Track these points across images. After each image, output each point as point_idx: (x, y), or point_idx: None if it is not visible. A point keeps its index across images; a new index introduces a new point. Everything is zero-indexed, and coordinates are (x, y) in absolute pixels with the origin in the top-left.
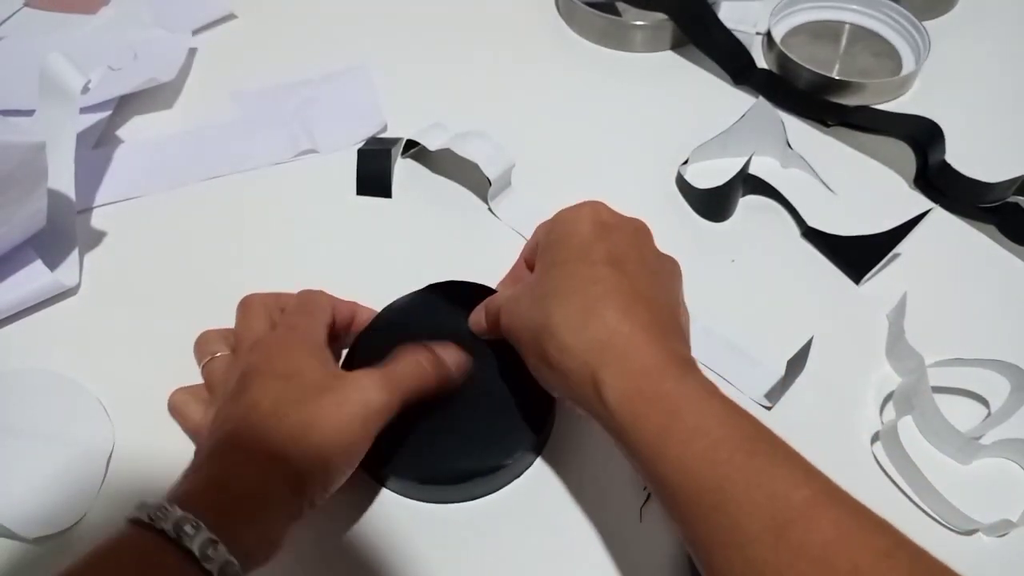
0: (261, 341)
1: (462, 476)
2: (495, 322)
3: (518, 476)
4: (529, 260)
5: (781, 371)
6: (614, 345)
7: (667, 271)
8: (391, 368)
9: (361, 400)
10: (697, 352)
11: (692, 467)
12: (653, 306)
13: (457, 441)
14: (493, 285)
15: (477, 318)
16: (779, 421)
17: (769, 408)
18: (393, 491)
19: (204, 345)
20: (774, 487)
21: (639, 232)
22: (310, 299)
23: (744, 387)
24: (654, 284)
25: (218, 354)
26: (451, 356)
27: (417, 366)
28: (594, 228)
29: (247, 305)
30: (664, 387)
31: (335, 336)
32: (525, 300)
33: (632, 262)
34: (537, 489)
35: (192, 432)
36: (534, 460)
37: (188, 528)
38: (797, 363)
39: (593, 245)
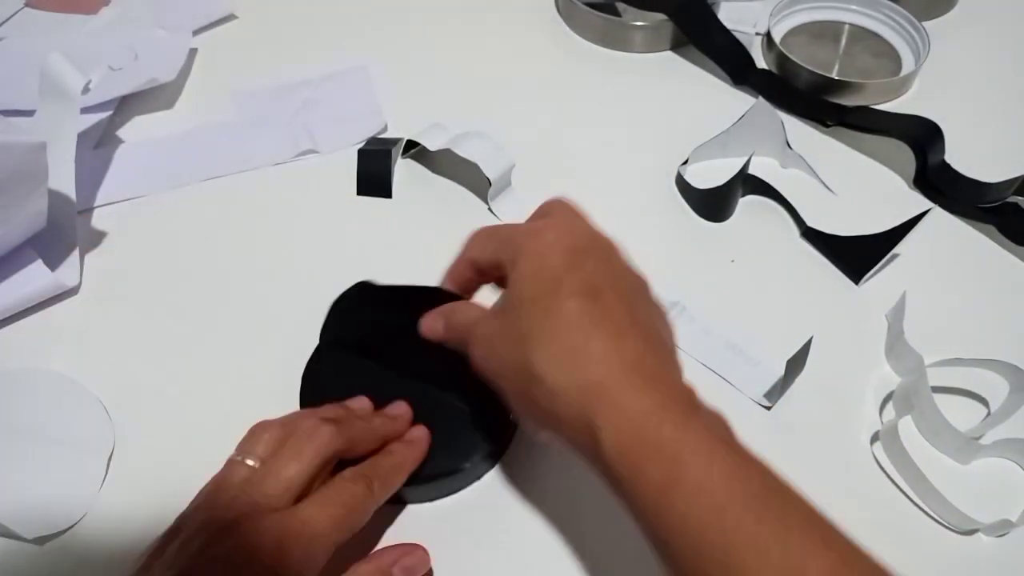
0: (253, 527)
1: (421, 478)
2: (458, 340)
3: (479, 478)
4: (481, 267)
5: (780, 371)
6: (608, 388)
7: (640, 290)
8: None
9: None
10: (697, 352)
11: (697, 529)
12: (640, 335)
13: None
14: (493, 297)
15: (433, 326)
16: (779, 421)
17: (769, 408)
18: None
19: (250, 441)
20: (788, 557)
21: (610, 252)
22: (355, 491)
23: (743, 387)
24: (634, 309)
25: (248, 461)
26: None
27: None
28: (565, 257)
29: (312, 431)
30: (664, 433)
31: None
32: (501, 341)
33: (608, 289)
34: (499, 491)
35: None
36: (495, 463)
37: None
38: (796, 363)
39: (566, 277)
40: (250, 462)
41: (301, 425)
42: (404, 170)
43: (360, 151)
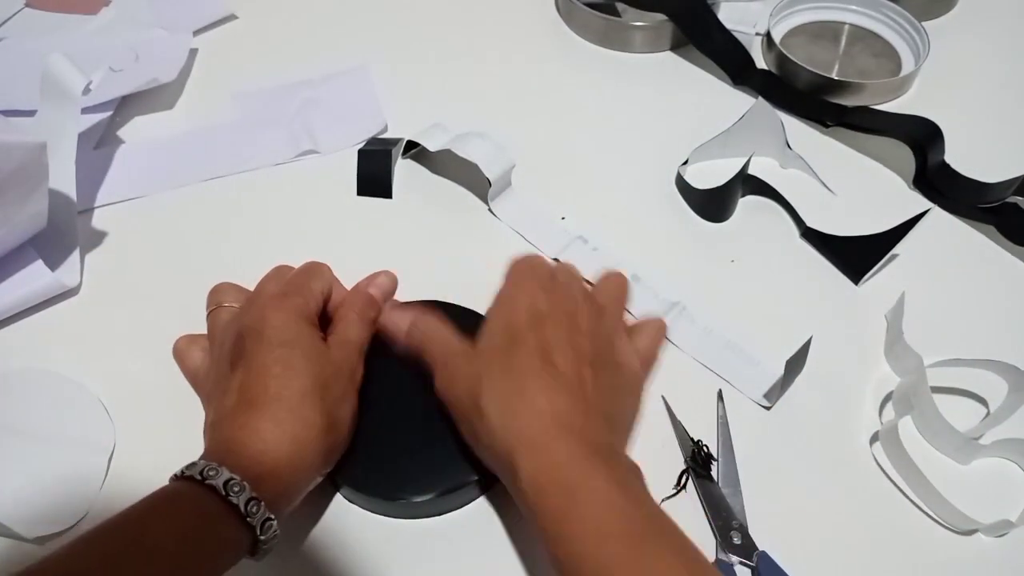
0: (259, 301)
1: (416, 492)
2: (424, 358)
3: (471, 501)
4: None
5: (780, 371)
6: (528, 434)
7: (599, 351)
8: (344, 332)
9: (349, 368)
10: (697, 352)
11: (584, 555)
12: (577, 396)
13: (423, 459)
14: (491, 288)
15: (398, 326)
16: (778, 421)
17: (768, 408)
18: (359, 506)
19: (215, 294)
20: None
21: (570, 319)
22: (313, 268)
23: (743, 387)
24: (580, 372)
25: (224, 304)
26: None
27: (362, 324)
28: (529, 318)
29: (269, 273)
30: (570, 476)
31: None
32: (461, 373)
33: (560, 353)
34: (489, 514)
35: (189, 376)
36: (488, 488)
37: (235, 487)
38: (796, 363)
39: (526, 335)
40: (228, 304)
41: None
42: (404, 170)
43: (360, 151)
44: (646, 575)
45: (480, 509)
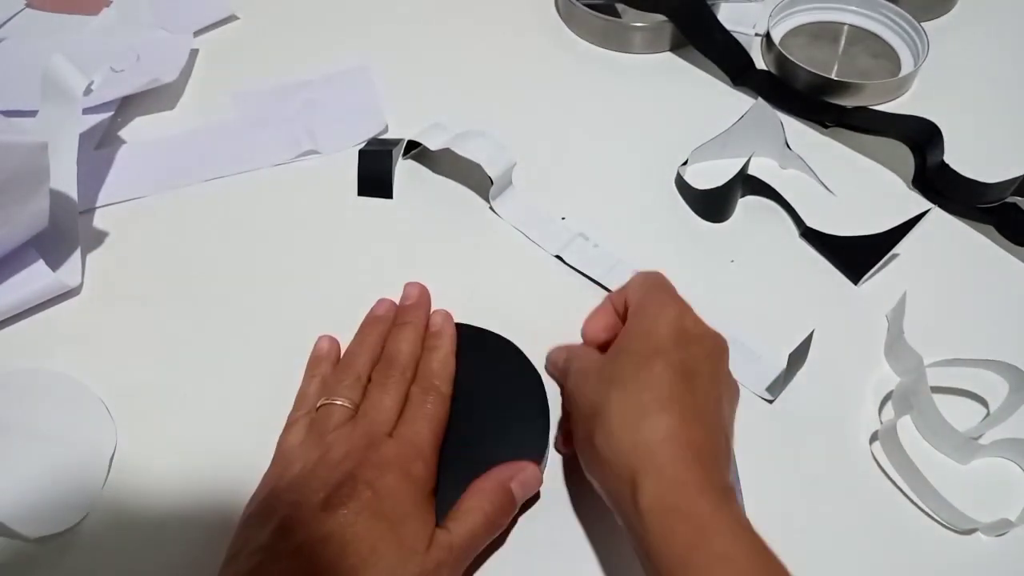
0: (377, 456)
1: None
2: (562, 376)
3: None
4: (617, 308)
5: (782, 365)
6: (660, 454)
7: (730, 396)
8: (489, 511)
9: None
10: None
11: None
12: (708, 428)
13: (451, 478)
14: (496, 296)
15: (555, 362)
16: (778, 421)
17: (771, 401)
18: None
19: (336, 385)
20: None
21: (716, 350)
22: (431, 400)
23: (745, 381)
24: (716, 408)
25: (340, 402)
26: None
27: (490, 524)
28: (674, 333)
29: (390, 363)
30: (699, 507)
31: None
32: (592, 377)
33: (702, 378)
34: (529, 527)
35: (280, 449)
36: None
37: None
38: (798, 356)
39: (670, 351)
40: (341, 403)
41: (379, 367)
42: (405, 171)
43: (361, 151)
44: None
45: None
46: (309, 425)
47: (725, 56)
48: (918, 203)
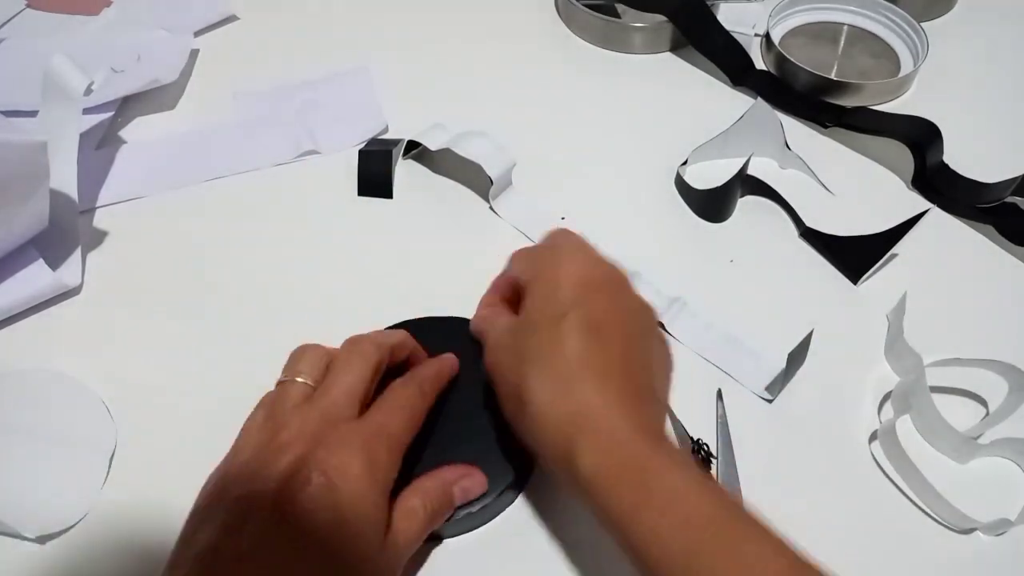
0: (335, 436)
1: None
2: (481, 339)
3: (498, 514)
4: (510, 288)
5: (781, 364)
6: (587, 416)
7: (643, 327)
8: (430, 511)
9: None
10: (699, 347)
11: (666, 537)
12: (628, 373)
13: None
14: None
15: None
16: (777, 420)
17: (770, 400)
18: None
19: (295, 362)
20: (747, 559)
21: (619, 289)
22: (410, 394)
23: (745, 380)
24: (629, 348)
25: (299, 379)
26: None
27: (428, 526)
28: (574, 291)
29: (353, 346)
30: (638, 460)
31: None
32: (506, 355)
33: (608, 326)
34: (519, 526)
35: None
36: (515, 498)
37: None
38: (798, 355)
39: (571, 312)
40: (301, 379)
41: (341, 346)
42: (405, 171)
43: (361, 152)
44: (738, 558)
45: (509, 518)
46: (266, 405)
47: (725, 56)
48: (918, 203)
